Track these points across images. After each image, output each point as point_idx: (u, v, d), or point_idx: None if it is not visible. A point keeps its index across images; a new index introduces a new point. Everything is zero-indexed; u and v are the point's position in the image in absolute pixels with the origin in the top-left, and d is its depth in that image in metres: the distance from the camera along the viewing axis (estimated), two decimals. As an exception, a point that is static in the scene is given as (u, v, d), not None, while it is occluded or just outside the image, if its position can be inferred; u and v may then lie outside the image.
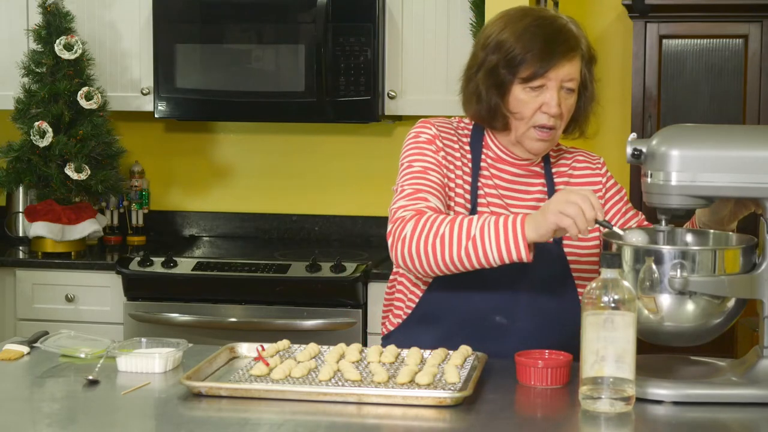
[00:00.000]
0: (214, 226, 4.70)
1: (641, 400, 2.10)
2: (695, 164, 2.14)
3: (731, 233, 2.32)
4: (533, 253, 2.24)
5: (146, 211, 4.58)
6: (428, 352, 2.34)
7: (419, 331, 2.47)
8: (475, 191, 2.47)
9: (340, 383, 2.15)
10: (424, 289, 2.49)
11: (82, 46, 4.19)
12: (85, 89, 4.17)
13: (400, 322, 2.54)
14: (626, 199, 2.61)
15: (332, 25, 4.10)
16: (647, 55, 3.97)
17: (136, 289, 4.02)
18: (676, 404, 2.11)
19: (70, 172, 4.13)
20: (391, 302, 2.59)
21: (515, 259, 2.22)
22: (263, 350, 2.32)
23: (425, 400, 2.06)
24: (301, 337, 3.59)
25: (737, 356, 3.33)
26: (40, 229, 4.17)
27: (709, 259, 2.14)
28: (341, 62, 4.10)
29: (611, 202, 2.57)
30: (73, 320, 4.05)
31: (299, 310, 3.91)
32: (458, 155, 2.49)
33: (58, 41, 4.15)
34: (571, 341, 2.18)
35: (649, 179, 2.18)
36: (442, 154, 2.46)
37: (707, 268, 2.13)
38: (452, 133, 2.51)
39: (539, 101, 2.39)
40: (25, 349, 2.44)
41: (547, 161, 2.54)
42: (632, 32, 3.99)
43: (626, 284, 2.04)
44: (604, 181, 2.57)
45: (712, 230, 2.35)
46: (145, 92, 4.31)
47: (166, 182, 4.71)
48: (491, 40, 2.42)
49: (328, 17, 4.09)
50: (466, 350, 2.32)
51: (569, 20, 2.43)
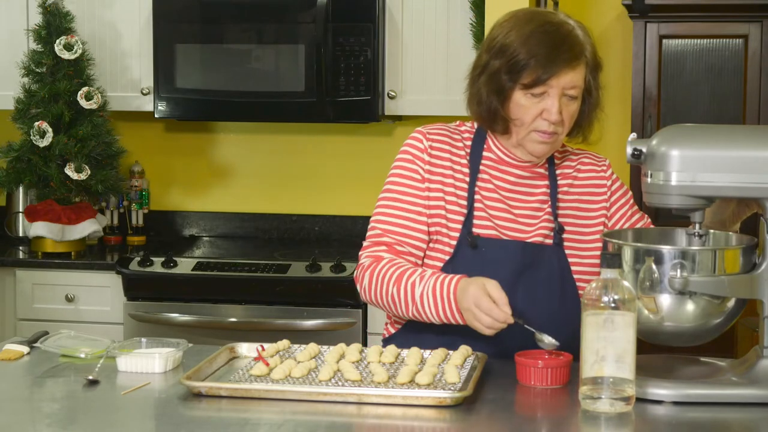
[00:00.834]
0: (214, 226, 4.69)
1: (641, 400, 2.10)
2: (695, 164, 2.14)
3: (731, 233, 2.32)
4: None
5: (146, 211, 4.58)
6: (428, 352, 2.34)
7: (421, 334, 2.46)
8: (471, 196, 2.47)
9: (340, 383, 2.15)
10: None
11: (82, 46, 4.19)
12: (85, 89, 4.16)
13: (399, 327, 2.55)
14: (632, 202, 2.59)
15: (332, 25, 4.09)
16: (647, 55, 3.97)
17: (136, 289, 4.02)
18: (676, 404, 2.11)
19: (70, 172, 4.13)
20: None
21: (456, 323, 2.35)
22: (263, 350, 2.32)
23: (425, 400, 2.06)
24: (301, 337, 3.59)
25: (737, 356, 3.32)
26: (40, 229, 4.17)
27: (709, 259, 2.14)
28: (341, 62, 4.10)
29: (616, 205, 2.56)
30: (73, 320, 4.05)
31: (299, 310, 3.91)
32: (454, 161, 2.49)
33: (58, 41, 4.15)
34: (572, 341, 2.18)
35: (649, 179, 2.18)
36: (427, 167, 2.48)
37: (707, 268, 2.13)
38: (447, 139, 2.51)
39: (540, 107, 2.38)
40: (25, 349, 2.44)
41: (551, 163, 2.53)
42: (632, 32, 3.99)
43: (626, 284, 2.04)
44: (609, 184, 2.57)
45: (712, 230, 2.34)
46: (145, 92, 4.31)
47: (166, 182, 4.71)
48: (496, 42, 2.41)
49: (328, 17, 4.08)
50: (466, 350, 2.32)
51: (577, 25, 2.41)
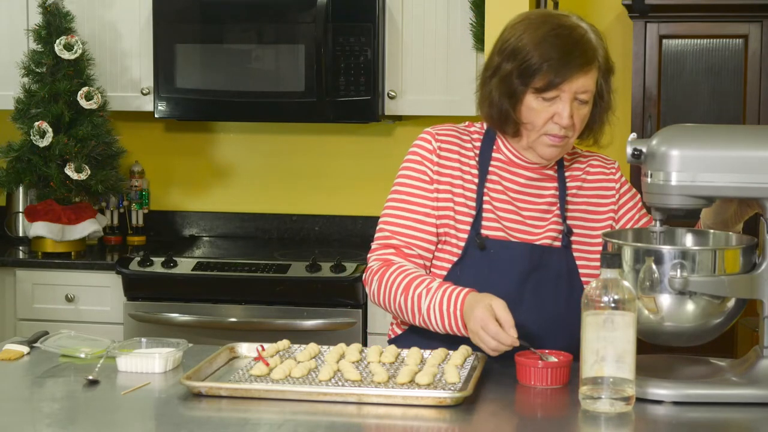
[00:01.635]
0: (214, 226, 4.69)
1: (641, 400, 2.10)
2: (695, 164, 2.14)
3: (731, 233, 2.32)
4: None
5: (146, 211, 4.58)
6: (428, 352, 2.34)
7: (427, 336, 2.46)
8: (480, 197, 2.47)
9: (340, 383, 2.15)
10: None
11: (82, 46, 4.19)
12: (85, 89, 4.16)
13: (405, 328, 2.55)
14: (640, 205, 2.58)
15: (332, 25, 4.09)
16: (647, 55, 3.97)
17: (136, 289, 4.02)
18: (676, 404, 2.11)
19: (70, 172, 4.13)
20: None
21: (462, 336, 2.35)
22: (263, 350, 2.32)
23: (425, 400, 2.06)
24: (301, 337, 3.59)
25: (737, 356, 3.32)
26: (40, 229, 4.17)
27: (709, 259, 2.14)
28: (341, 62, 4.10)
29: (624, 208, 2.55)
30: (73, 320, 4.05)
31: (299, 310, 3.91)
32: (463, 162, 2.48)
33: (58, 41, 4.15)
34: (577, 343, 2.17)
35: (649, 179, 2.18)
36: (435, 168, 2.47)
37: (707, 268, 2.13)
38: (457, 140, 2.51)
39: (551, 111, 2.37)
40: (25, 349, 2.44)
41: (561, 165, 2.52)
42: (632, 32, 3.99)
43: (626, 284, 2.04)
44: (617, 186, 2.56)
45: (712, 230, 2.34)
46: (145, 92, 4.31)
47: (166, 182, 4.71)
48: (509, 45, 2.40)
49: (328, 17, 4.08)
50: (466, 350, 2.32)
51: (589, 29, 2.40)
